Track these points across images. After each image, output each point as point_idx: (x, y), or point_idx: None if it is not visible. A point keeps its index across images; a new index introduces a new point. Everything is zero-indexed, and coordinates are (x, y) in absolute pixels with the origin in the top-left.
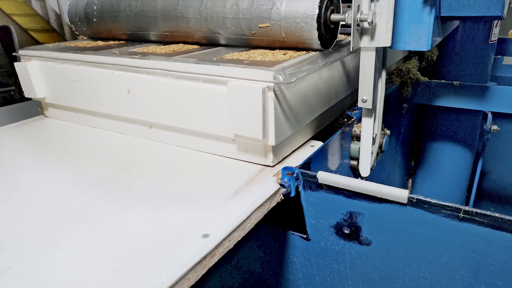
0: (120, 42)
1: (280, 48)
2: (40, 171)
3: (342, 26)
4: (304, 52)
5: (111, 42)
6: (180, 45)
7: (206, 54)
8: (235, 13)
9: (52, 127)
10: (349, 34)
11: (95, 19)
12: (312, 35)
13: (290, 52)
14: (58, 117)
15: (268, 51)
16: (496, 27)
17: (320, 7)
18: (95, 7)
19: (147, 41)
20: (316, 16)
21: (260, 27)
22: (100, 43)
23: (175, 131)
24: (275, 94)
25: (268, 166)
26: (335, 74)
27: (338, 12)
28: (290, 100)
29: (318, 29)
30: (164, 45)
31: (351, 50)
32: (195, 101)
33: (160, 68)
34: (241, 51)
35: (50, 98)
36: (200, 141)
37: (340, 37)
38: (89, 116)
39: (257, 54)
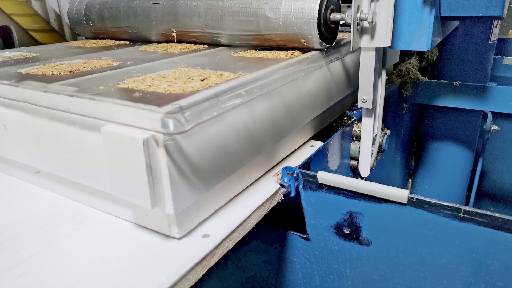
0: (26, 55)
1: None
2: None
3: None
4: (233, 75)
5: (33, 54)
6: (89, 61)
7: (103, 79)
8: (234, 12)
9: None
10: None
11: (94, 19)
12: (312, 35)
13: (213, 77)
14: None
15: (185, 72)
16: (496, 27)
17: (320, 6)
18: (95, 7)
19: (147, 41)
20: (316, 15)
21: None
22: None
23: (62, 182)
24: (166, 148)
25: (174, 238)
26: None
27: (338, 11)
28: (196, 153)
29: (318, 28)
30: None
31: (351, 50)
32: (74, 148)
33: (27, 100)
34: (154, 74)
35: None
36: (93, 196)
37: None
38: None
39: (165, 81)
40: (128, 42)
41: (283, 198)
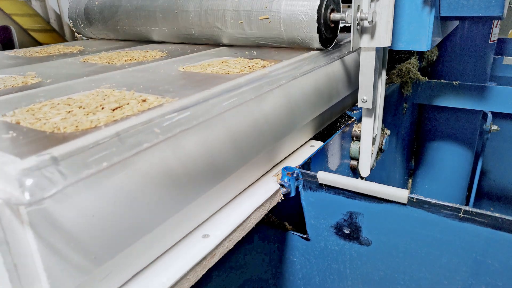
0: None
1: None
2: None
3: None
4: (158, 100)
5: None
6: (4, 78)
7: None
8: (235, 13)
9: None
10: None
11: (95, 19)
12: (312, 34)
13: (131, 105)
14: None
15: (102, 96)
16: (496, 27)
17: (320, 6)
18: (95, 7)
19: (148, 41)
20: (316, 15)
21: (259, 19)
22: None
23: None
24: (30, 218)
25: None
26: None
27: (338, 11)
28: (86, 215)
29: (318, 28)
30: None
31: (351, 50)
32: None
33: None
34: (62, 98)
35: None
36: None
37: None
38: None
39: (64, 112)
40: (80, 49)
41: (283, 198)
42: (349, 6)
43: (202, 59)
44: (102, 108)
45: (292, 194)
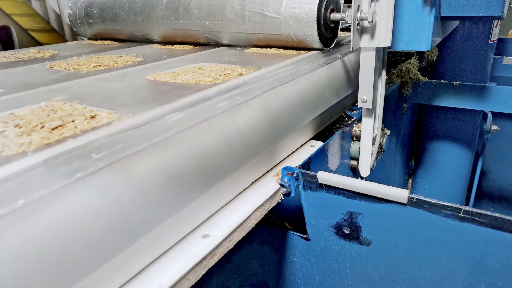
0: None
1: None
2: None
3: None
4: (108, 117)
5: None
6: None
7: None
8: (234, 12)
9: None
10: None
11: (94, 20)
12: (312, 34)
13: (76, 123)
14: None
15: (48, 111)
16: (496, 27)
17: (319, 6)
18: (95, 7)
19: (148, 41)
20: (316, 15)
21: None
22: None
23: None
24: None
25: None
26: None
27: (338, 11)
28: (10, 258)
29: (318, 28)
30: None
31: (351, 50)
32: None
33: None
34: (4, 114)
35: None
36: None
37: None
38: None
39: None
40: (53, 53)
41: (283, 198)
42: (349, 6)
43: (177, 65)
44: (42, 127)
45: (292, 194)
